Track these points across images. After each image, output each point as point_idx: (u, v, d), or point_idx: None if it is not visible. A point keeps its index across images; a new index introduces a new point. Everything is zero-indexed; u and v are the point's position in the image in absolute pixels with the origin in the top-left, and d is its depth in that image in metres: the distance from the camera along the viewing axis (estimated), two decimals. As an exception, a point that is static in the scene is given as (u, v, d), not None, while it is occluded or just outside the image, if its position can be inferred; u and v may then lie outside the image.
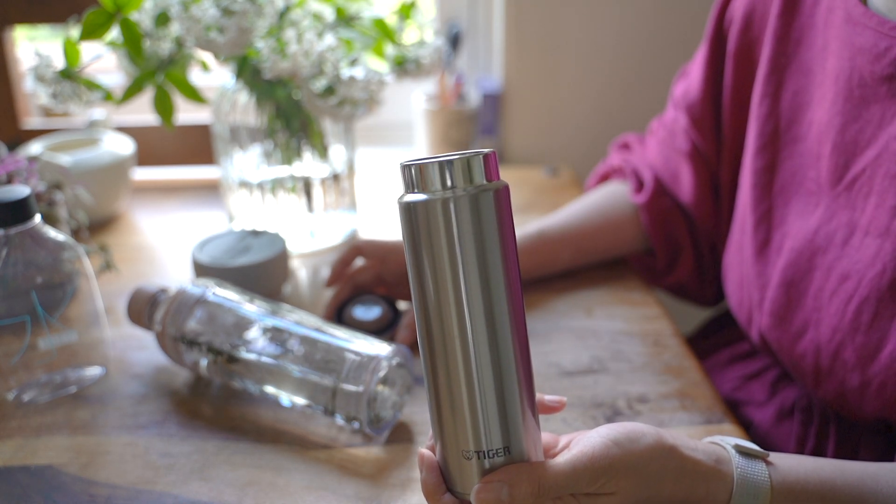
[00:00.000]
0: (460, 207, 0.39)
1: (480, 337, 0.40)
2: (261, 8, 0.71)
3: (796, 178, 0.61)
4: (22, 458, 0.57)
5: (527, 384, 0.42)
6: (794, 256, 0.59)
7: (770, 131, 0.64)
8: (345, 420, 0.57)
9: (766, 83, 0.64)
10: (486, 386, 0.40)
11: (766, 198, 0.64)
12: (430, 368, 0.41)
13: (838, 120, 0.56)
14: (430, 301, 0.40)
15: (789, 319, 0.60)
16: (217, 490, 0.53)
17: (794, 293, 0.60)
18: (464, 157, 0.39)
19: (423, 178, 0.39)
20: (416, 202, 0.39)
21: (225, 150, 0.88)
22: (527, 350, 0.42)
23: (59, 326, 0.62)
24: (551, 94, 1.20)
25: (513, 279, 0.40)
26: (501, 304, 0.40)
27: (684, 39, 1.16)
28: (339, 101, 0.76)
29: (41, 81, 0.74)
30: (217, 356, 0.61)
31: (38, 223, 0.60)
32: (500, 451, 0.41)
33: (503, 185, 0.40)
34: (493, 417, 0.40)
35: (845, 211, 0.56)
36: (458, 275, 0.39)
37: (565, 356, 0.68)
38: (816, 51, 0.60)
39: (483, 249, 0.39)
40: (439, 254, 0.39)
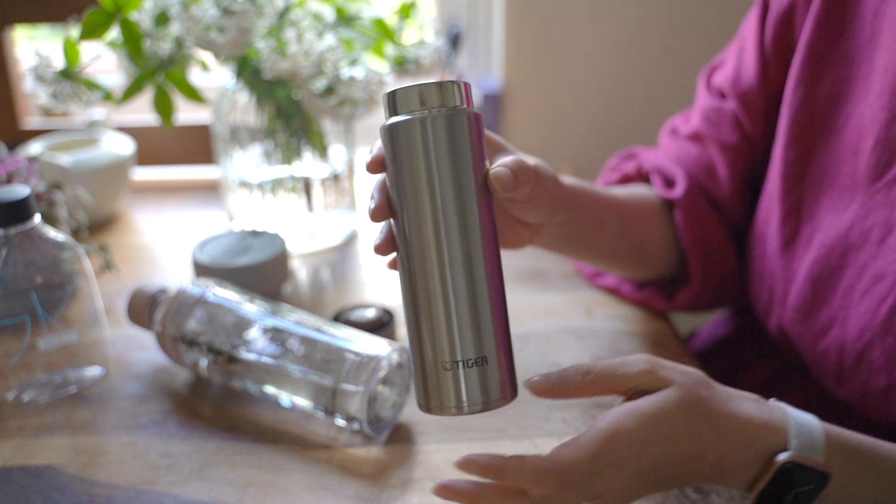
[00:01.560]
0: (437, 125, 0.42)
1: (455, 248, 0.43)
2: (261, 8, 0.71)
3: (829, 172, 0.59)
4: (22, 458, 0.57)
5: (500, 298, 0.45)
6: (825, 252, 0.58)
7: (805, 121, 0.60)
8: (345, 420, 0.57)
9: (802, 70, 0.60)
10: (460, 294, 0.43)
11: (796, 190, 0.61)
12: (410, 284, 0.44)
13: (883, 115, 0.54)
14: (408, 216, 0.43)
15: (814, 315, 0.59)
16: (217, 490, 0.53)
17: (822, 289, 0.58)
18: (440, 82, 0.43)
19: (404, 102, 0.43)
20: (398, 122, 0.43)
21: (225, 150, 0.88)
22: (499, 268, 0.45)
23: (59, 326, 0.62)
24: (551, 94, 1.20)
25: (484, 198, 0.44)
26: (474, 218, 0.43)
27: (685, 39, 1.16)
28: (339, 101, 0.76)
29: (41, 81, 0.74)
30: (217, 356, 0.61)
31: (38, 223, 0.60)
32: (479, 360, 0.43)
33: (476, 112, 0.44)
34: (469, 326, 0.43)
35: (883, 209, 0.54)
36: (434, 189, 0.43)
37: (565, 356, 0.68)
38: (862, 41, 0.57)
39: (457, 166, 0.43)
40: (418, 169, 0.43)
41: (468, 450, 0.57)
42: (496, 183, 0.44)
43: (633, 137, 1.22)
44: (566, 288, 0.79)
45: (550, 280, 0.82)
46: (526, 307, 0.76)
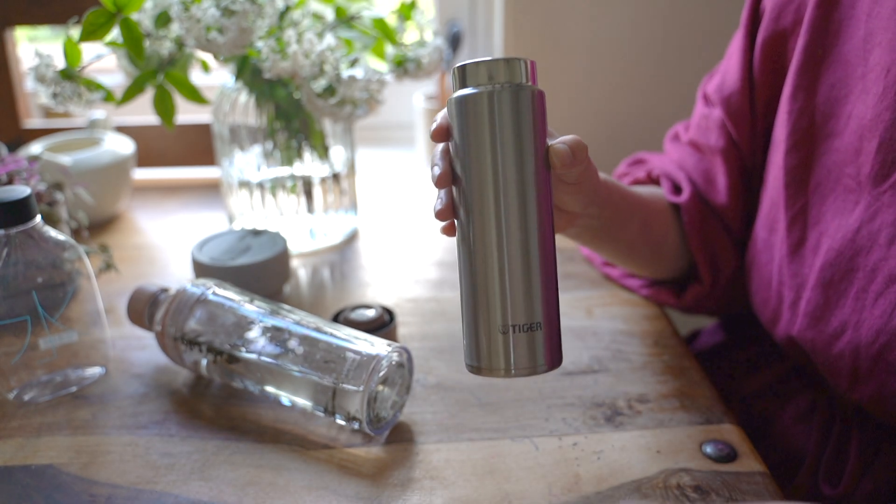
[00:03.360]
0: (503, 99, 0.44)
1: (513, 217, 0.45)
2: (261, 8, 0.71)
3: (833, 175, 0.59)
4: (23, 457, 0.57)
5: (552, 268, 0.47)
6: (834, 256, 0.58)
7: (805, 126, 0.61)
8: (345, 420, 0.57)
9: (800, 76, 0.61)
10: (516, 261, 0.45)
11: (800, 196, 0.61)
12: (468, 250, 0.46)
13: (888, 116, 0.54)
14: (471, 184, 0.45)
15: (826, 320, 0.58)
16: (217, 490, 0.53)
17: (833, 294, 0.58)
18: (508, 59, 0.45)
19: (474, 76, 0.45)
20: (466, 95, 0.45)
21: (225, 150, 0.88)
22: (553, 241, 0.47)
23: (60, 326, 0.62)
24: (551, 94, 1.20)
25: (543, 172, 0.46)
26: (532, 189, 0.45)
27: (686, 39, 1.16)
28: (339, 101, 0.76)
29: (41, 82, 0.74)
30: (217, 356, 0.61)
31: (39, 223, 0.61)
32: (532, 325, 0.45)
33: (540, 89, 0.46)
34: (524, 293, 0.45)
35: (891, 210, 0.54)
36: (497, 159, 0.45)
37: (565, 356, 0.68)
38: (857, 42, 0.57)
39: (520, 139, 0.45)
40: (483, 140, 0.45)
41: (468, 450, 0.57)
42: (556, 158, 0.46)
43: (632, 137, 1.23)
44: (566, 288, 0.79)
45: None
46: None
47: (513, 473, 0.54)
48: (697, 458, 0.55)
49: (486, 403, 0.62)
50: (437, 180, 0.47)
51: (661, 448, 0.56)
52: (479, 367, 0.47)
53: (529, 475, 0.54)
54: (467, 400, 0.62)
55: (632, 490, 0.52)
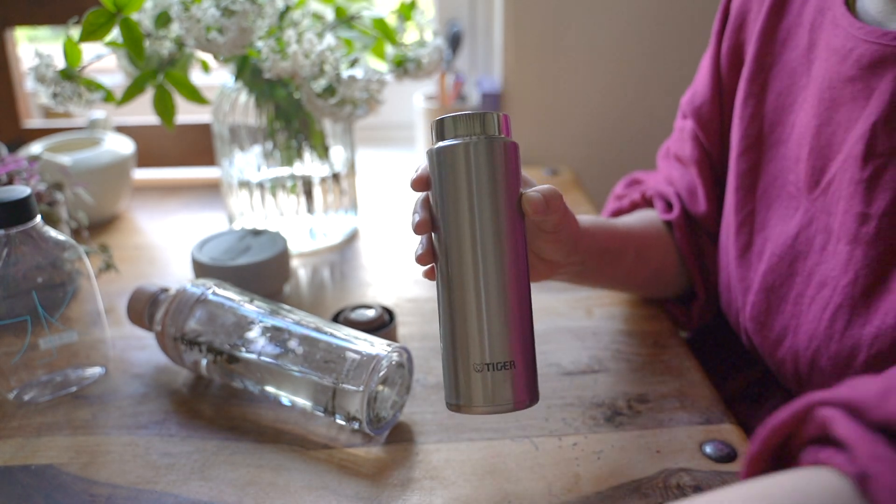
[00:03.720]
0: (479, 150, 0.47)
1: (489, 260, 0.47)
2: (261, 8, 0.71)
3: (778, 182, 0.61)
4: (23, 457, 0.57)
5: (527, 308, 0.49)
6: (776, 261, 0.59)
7: (754, 133, 0.63)
8: (345, 420, 0.57)
9: (750, 83, 0.63)
10: (493, 302, 0.47)
11: (749, 201, 0.63)
12: (447, 291, 0.48)
13: (814, 123, 0.57)
14: (449, 229, 0.48)
15: (770, 325, 0.60)
16: (217, 490, 0.53)
17: (775, 298, 0.59)
18: (483, 113, 0.48)
19: (451, 129, 0.48)
20: (444, 146, 0.48)
21: (225, 150, 0.88)
22: (527, 282, 0.49)
23: (60, 326, 0.62)
24: (551, 94, 1.20)
25: (517, 218, 0.48)
26: (507, 235, 0.48)
27: (684, 39, 1.16)
28: (339, 101, 0.76)
29: (42, 82, 0.74)
30: (217, 356, 0.61)
31: (39, 223, 0.61)
32: (507, 363, 0.47)
33: (513, 141, 0.49)
34: (500, 332, 0.47)
35: (823, 216, 0.56)
36: (473, 206, 0.47)
37: (565, 356, 0.68)
38: (801, 51, 0.59)
39: (494, 187, 0.47)
40: (460, 188, 0.47)
41: (468, 450, 0.57)
42: (528, 205, 0.48)
43: (632, 137, 1.23)
44: (566, 288, 0.79)
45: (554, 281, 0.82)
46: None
47: (513, 473, 0.54)
48: (697, 458, 0.55)
49: (486, 403, 0.62)
50: (416, 227, 0.49)
51: (660, 448, 0.56)
52: (457, 404, 0.48)
53: (529, 475, 0.54)
54: (467, 400, 0.62)
55: (631, 490, 0.52)
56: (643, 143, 1.21)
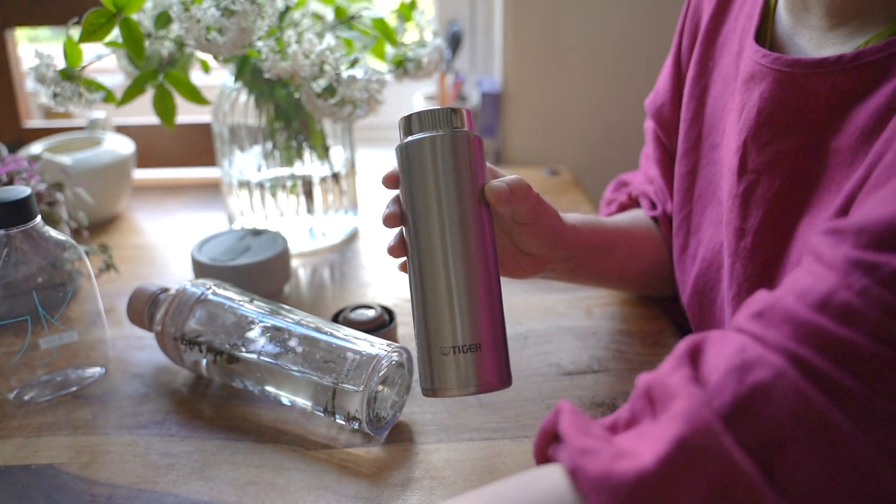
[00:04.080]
0: (444, 143, 0.50)
1: (455, 248, 0.49)
2: (261, 8, 0.71)
3: (711, 186, 0.61)
4: (23, 457, 0.57)
5: (495, 293, 0.50)
6: (705, 267, 0.60)
7: (694, 136, 0.63)
8: (345, 420, 0.57)
9: (693, 86, 0.63)
10: (459, 288, 0.49)
11: (686, 203, 0.63)
12: (417, 280, 0.51)
13: (735, 128, 0.56)
14: (417, 221, 0.50)
15: (704, 327, 0.60)
16: (217, 489, 0.53)
17: (706, 302, 0.60)
18: (447, 109, 0.50)
19: (417, 125, 0.51)
20: (411, 141, 0.50)
21: (225, 150, 0.88)
22: (496, 268, 0.51)
23: (60, 326, 0.62)
24: (551, 94, 1.20)
25: (483, 208, 0.50)
26: (472, 223, 0.50)
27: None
28: (339, 101, 0.76)
29: (42, 82, 0.74)
30: (217, 356, 0.61)
31: (39, 223, 0.61)
32: (472, 346, 0.49)
33: (476, 135, 0.51)
34: (465, 316, 0.49)
35: (739, 219, 0.56)
36: (440, 196, 0.50)
37: (565, 356, 0.68)
38: (732, 57, 0.59)
39: (459, 178, 0.50)
40: (426, 180, 0.50)
41: (468, 450, 0.57)
42: (491, 194, 0.50)
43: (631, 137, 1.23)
44: (566, 288, 0.79)
45: (550, 280, 0.82)
46: (526, 307, 0.76)
47: (513, 473, 0.54)
48: (697, 458, 0.55)
49: (486, 403, 0.62)
50: (385, 220, 0.51)
51: (660, 448, 0.56)
52: (431, 388, 0.50)
53: (529, 475, 0.54)
54: (467, 400, 0.62)
55: (631, 490, 0.52)
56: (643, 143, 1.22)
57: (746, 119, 0.53)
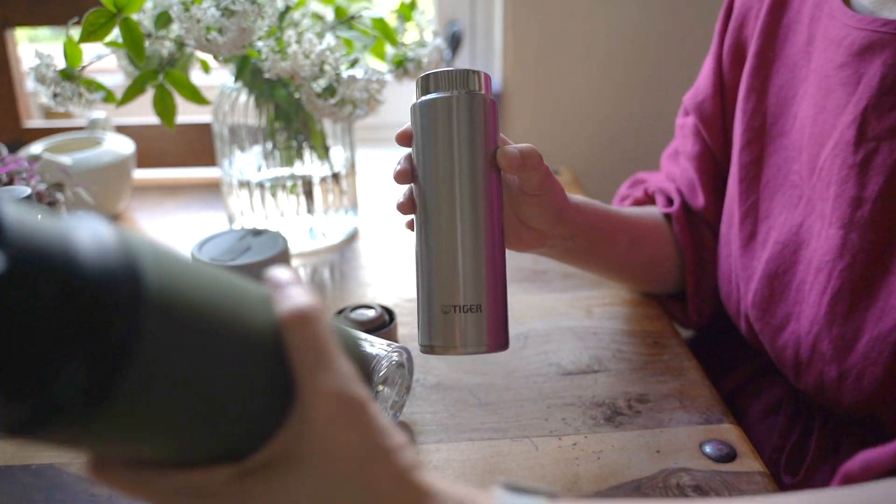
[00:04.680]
0: (461, 104, 0.50)
1: (464, 208, 0.50)
2: (261, 8, 0.71)
3: (781, 172, 0.62)
4: (23, 457, 0.57)
5: (499, 257, 0.51)
6: (779, 249, 0.60)
7: (757, 126, 0.64)
8: (345, 420, 0.57)
9: (752, 78, 0.65)
10: (466, 248, 0.50)
11: (753, 191, 0.64)
12: (423, 237, 0.51)
13: (812, 112, 0.58)
14: (428, 179, 0.51)
15: (772, 312, 0.61)
16: (217, 489, 0.53)
17: (778, 286, 0.60)
18: (465, 70, 0.50)
19: (434, 84, 0.51)
20: (429, 99, 0.51)
21: (225, 150, 0.88)
22: (501, 233, 0.51)
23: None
24: (551, 94, 1.20)
25: (493, 172, 0.51)
26: (483, 186, 0.50)
27: (684, 40, 1.16)
28: (339, 101, 0.76)
29: (42, 82, 0.74)
30: (217, 356, 0.61)
31: (39, 223, 0.61)
32: (474, 307, 0.49)
33: (493, 98, 0.51)
34: (469, 277, 0.49)
35: (819, 202, 0.57)
36: (452, 157, 0.50)
37: (565, 356, 0.68)
38: (801, 45, 0.61)
39: (473, 139, 0.50)
40: (441, 139, 0.50)
41: (468, 450, 0.57)
42: (503, 158, 0.50)
43: (632, 137, 1.23)
44: (566, 288, 0.79)
45: (550, 280, 0.82)
46: (526, 307, 0.76)
47: (513, 473, 0.54)
48: (697, 458, 0.55)
49: (486, 403, 0.62)
50: (396, 176, 0.52)
51: (660, 448, 0.56)
52: (430, 345, 0.50)
53: (529, 475, 0.54)
54: (467, 400, 0.62)
55: (631, 490, 0.52)
56: (643, 143, 1.22)
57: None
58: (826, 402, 0.59)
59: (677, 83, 1.18)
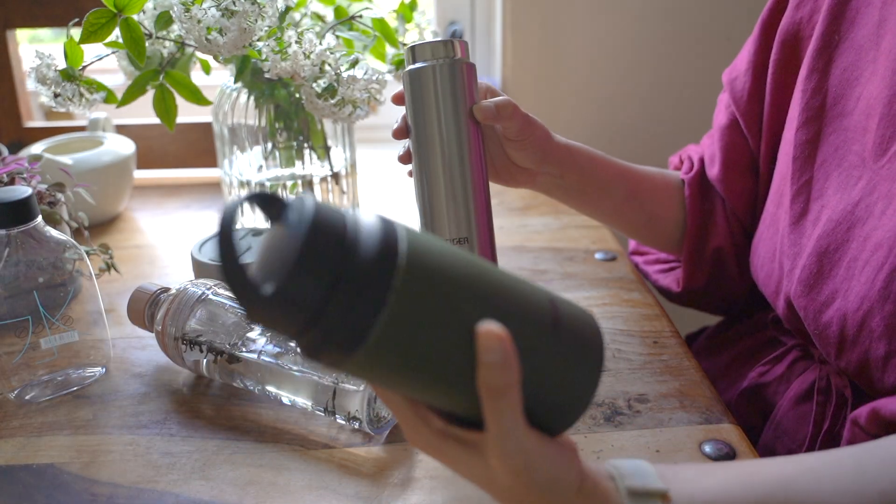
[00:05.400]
0: (443, 70, 0.59)
1: (452, 155, 0.59)
2: (261, 8, 0.71)
3: (839, 152, 0.62)
4: (24, 457, 0.57)
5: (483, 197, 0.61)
6: (832, 227, 0.60)
7: (817, 106, 0.65)
8: (345, 419, 0.57)
9: (815, 59, 0.65)
10: (455, 188, 0.59)
11: (807, 170, 0.64)
12: (419, 183, 0.61)
13: (886, 93, 0.57)
14: (420, 133, 0.60)
15: (818, 288, 0.60)
16: (218, 489, 0.53)
17: (827, 262, 0.60)
18: (445, 41, 0.60)
19: (420, 54, 0.60)
20: (416, 68, 0.60)
21: (225, 150, 0.88)
22: (484, 178, 0.61)
23: (61, 326, 0.63)
24: (551, 94, 1.20)
25: (473, 125, 0.60)
26: (465, 136, 0.60)
27: (684, 40, 1.16)
28: (339, 102, 0.76)
29: (43, 82, 0.74)
30: (218, 356, 0.61)
31: (40, 223, 0.61)
32: (462, 239, 0.59)
33: (470, 62, 0.61)
34: (457, 212, 0.59)
35: (886, 183, 0.57)
36: (439, 113, 0.59)
37: (565, 356, 0.68)
38: (871, 28, 0.61)
39: (455, 99, 0.59)
40: (428, 99, 0.59)
41: (468, 449, 0.57)
42: (478, 112, 0.60)
43: (632, 137, 1.23)
44: (566, 288, 0.80)
45: (550, 280, 0.82)
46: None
47: (512, 473, 0.54)
48: (696, 458, 0.55)
49: (486, 403, 0.62)
50: (394, 133, 0.62)
51: (660, 447, 0.57)
52: None
53: (529, 474, 0.54)
54: (467, 399, 0.62)
55: (631, 489, 0.52)
56: (643, 143, 1.22)
57: None
58: (866, 381, 0.58)
59: (677, 83, 1.18)
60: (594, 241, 0.91)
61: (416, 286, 0.35)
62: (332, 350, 0.34)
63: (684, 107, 1.19)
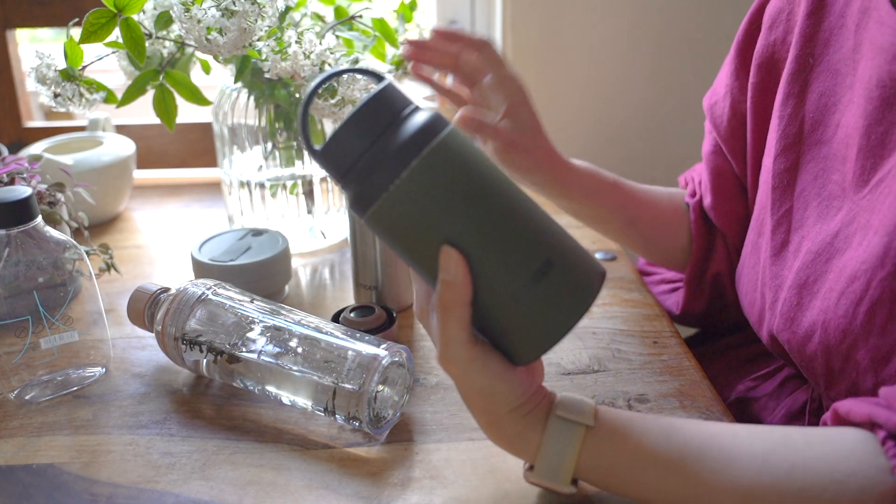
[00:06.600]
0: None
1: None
2: (261, 8, 0.71)
3: (818, 181, 0.61)
4: (24, 457, 0.57)
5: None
6: (811, 258, 0.59)
7: (794, 133, 0.63)
8: (345, 419, 0.57)
9: (791, 83, 0.63)
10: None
11: (786, 199, 0.63)
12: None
13: (862, 123, 0.56)
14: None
15: (799, 321, 0.59)
16: (218, 489, 0.53)
17: (806, 294, 0.59)
18: None
19: None
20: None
21: (225, 150, 0.88)
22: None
23: (61, 326, 0.63)
24: (550, 94, 1.20)
25: None
26: None
27: (684, 41, 1.16)
28: (339, 102, 0.76)
29: (43, 82, 0.74)
30: (218, 356, 0.61)
31: (40, 223, 0.61)
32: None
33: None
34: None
35: (865, 214, 0.55)
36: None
37: (565, 356, 0.68)
38: (846, 52, 0.59)
39: None
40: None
41: (468, 449, 0.57)
42: None
43: (632, 138, 1.23)
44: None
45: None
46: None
47: (513, 473, 0.54)
48: (697, 458, 0.55)
49: (486, 403, 0.62)
50: None
51: (660, 447, 0.56)
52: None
53: (529, 474, 0.54)
54: (467, 399, 0.62)
55: (631, 489, 0.52)
56: (643, 144, 1.22)
57: None
58: None
59: (677, 83, 1.18)
60: (594, 240, 0.90)
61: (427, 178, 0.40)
62: (353, 207, 0.42)
63: (684, 107, 1.19)
